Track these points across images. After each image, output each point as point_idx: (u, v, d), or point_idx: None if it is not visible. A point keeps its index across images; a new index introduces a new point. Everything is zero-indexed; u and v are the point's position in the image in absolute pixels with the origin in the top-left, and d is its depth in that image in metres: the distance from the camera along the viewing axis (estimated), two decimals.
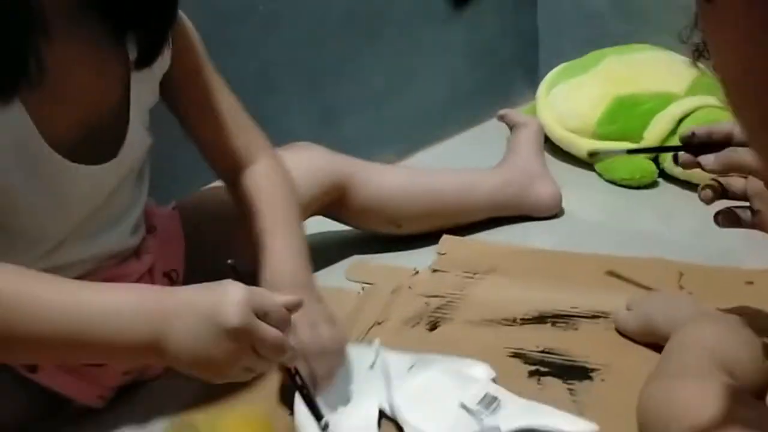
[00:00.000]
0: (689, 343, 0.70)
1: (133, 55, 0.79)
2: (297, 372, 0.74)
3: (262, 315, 0.63)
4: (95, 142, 0.77)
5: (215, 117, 0.89)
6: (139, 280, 0.89)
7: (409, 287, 1.02)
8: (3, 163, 0.70)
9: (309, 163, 1.08)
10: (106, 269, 0.84)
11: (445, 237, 1.14)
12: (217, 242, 0.95)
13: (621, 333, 0.88)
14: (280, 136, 1.32)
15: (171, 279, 0.94)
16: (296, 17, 1.31)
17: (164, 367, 0.90)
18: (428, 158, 1.49)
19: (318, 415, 0.75)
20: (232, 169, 0.91)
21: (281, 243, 0.84)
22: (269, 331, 0.63)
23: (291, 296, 0.68)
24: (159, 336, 0.62)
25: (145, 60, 0.79)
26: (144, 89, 0.82)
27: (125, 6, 0.76)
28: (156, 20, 0.78)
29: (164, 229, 0.96)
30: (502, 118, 1.35)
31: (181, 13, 0.83)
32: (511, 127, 1.32)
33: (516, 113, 1.37)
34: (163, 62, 0.83)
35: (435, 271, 1.06)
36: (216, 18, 1.19)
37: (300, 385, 0.75)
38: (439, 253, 1.11)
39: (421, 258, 1.11)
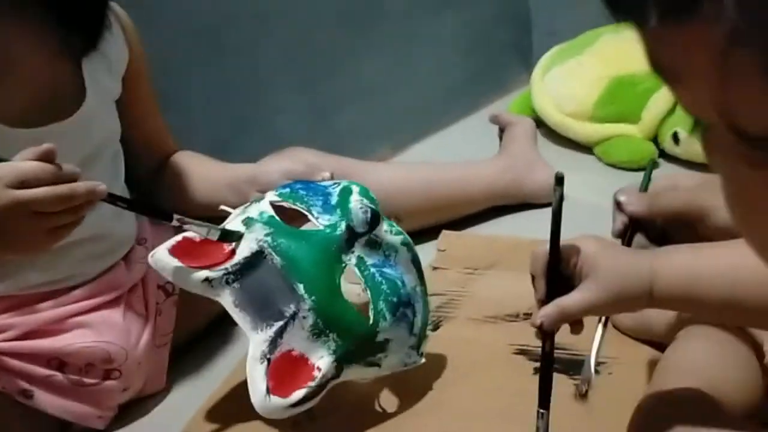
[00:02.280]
0: (679, 369, 0.68)
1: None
2: (110, 194, 0.71)
3: (19, 183, 0.65)
4: (55, 118, 0.81)
5: (153, 117, 0.99)
6: (131, 291, 0.89)
7: None
8: None
9: (303, 165, 1.06)
10: (92, 281, 0.85)
11: (444, 233, 1.12)
12: None
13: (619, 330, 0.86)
14: (274, 135, 1.31)
15: (167, 292, 0.93)
16: (287, 15, 1.29)
17: (164, 385, 0.91)
18: (425, 150, 1.47)
19: (166, 216, 0.75)
20: (162, 156, 1.00)
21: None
22: (36, 192, 0.65)
23: (35, 149, 0.67)
24: None
25: (88, 39, 0.84)
26: (100, 72, 0.87)
27: None
28: (90, 3, 0.84)
29: (155, 240, 0.95)
30: (494, 120, 1.34)
31: (129, 20, 0.93)
32: (504, 127, 1.30)
33: (507, 114, 1.35)
34: (119, 51, 0.90)
35: (435, 268, 1.05)
36: (209, 20, 1.18)
37: (125, 205, 0.76)
38: (439, 250, 1.09)
39: (421, 255, 1.09)
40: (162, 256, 0.75)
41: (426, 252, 1.09)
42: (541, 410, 0.65)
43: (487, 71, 1.63)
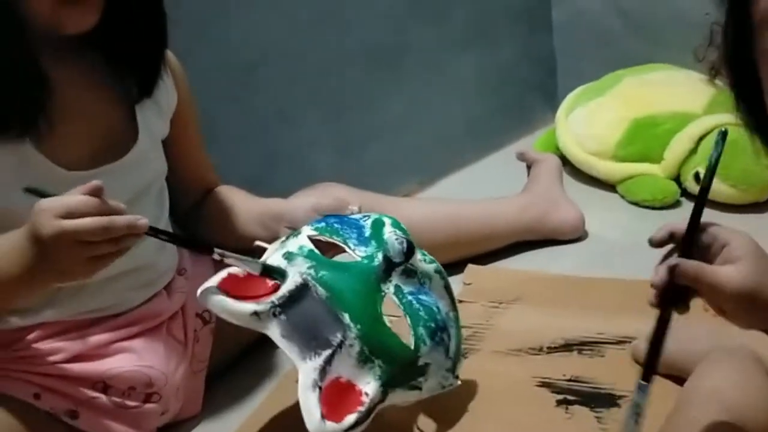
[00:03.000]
0: (701, 396, 0.70)
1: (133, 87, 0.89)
2: (151, 227, 0.73)
3: (67, 214, 0.69)
4: (109, 159, 0.86)
5: (197, 154, 1.04)
6: (171, 319, 0.93)
7: None
8: (9, 192, 0.78)
9: (335, 201, 1.10)
10: (136, 309, 0.89)
11: (470, 267, 1.15)
12: None
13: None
14: (302, 169, 1.36)
15: (204, 320, 0.97)
16: (317, 53, 1.34)
17: (199, 410, 0.95)
18: (451, 185, 1.51)
19: (208, 249, 0.78)
20: (204, 189, 1.04)
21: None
22: (80, 223, 0.69)
23: (86, 185, 0.72)
24: (25, 263, 0.72)
25: (144, 86, 0.89)
26: (151, 116, 0.91)
27: (118, 45, 0.86)
28: (147, 56, 0.89)
29: (195, 270, 0.99)
30: (521, 157, 1.38)
31: (179, 64, 0.97)
32: (530, 165, 1.34)
33: (533, 152, 1.39)
34: (168, 96, 0.94)
35: (461, 301, 1.07)
36: (243, 58, 1.24)
37: (166, 238, 0.78)
38: (465, 284, 1.13)
39: None
40: (210, 292, 0.77)
41: (453, 285, 1.13)
42: (643, 382, 0.61)
43: (513, 109, 1.67)
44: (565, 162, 1.42)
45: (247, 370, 1.01)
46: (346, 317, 0.76)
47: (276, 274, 0.79)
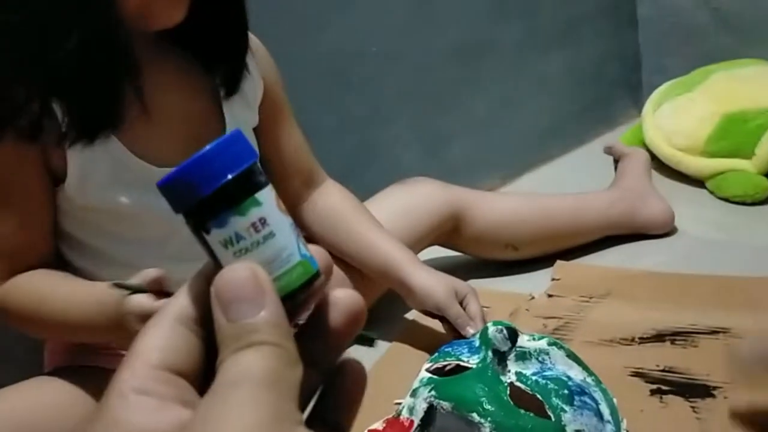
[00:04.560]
0: None
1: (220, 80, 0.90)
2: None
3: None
4: None
5: (290, 141, 1.02)
6: None
7: (527, 310, 1.06)
8: (103, 188, 0.82)
9: (426, 195, 1.14)
10: None
11: (559, 263, 1.16)
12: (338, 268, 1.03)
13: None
14: (391, 166, 1.40)
15: None
16: (406, 53, 1.38)
17: None
18: (534, 181, 1.52)
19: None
20: (304, 187, 1.04)
21: (381, 235, 1.01)
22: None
23: (150, 276, 0.72)
24: (107, 335, 0.79)
25: (230, 83, 0.90)
26: (238, 108, 0.92)
27: (205, 41, 0.87)
28: (233, 50, 0.89)
29: None
30: (608, 151, 1.38)
31: (262, 47, 0.97)
32: (618, 158, 1.35)
33: (621, 145, 1.39)
34: (254, 85, 0.94)
35: (551, 296, 1.09)
36: (333, 59, 1.28)
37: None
38: (554, 279, 1.14)
39: (534, 283, 1.14)
40: None
41: (541, 280, 1.15)
42: None
43: (596, 105, 1.68)
44: (652, 157, 1.41)
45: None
46: (475, 416, 0.78)
47: (364, 339, 0.81)
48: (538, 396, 0.79)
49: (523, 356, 0.83)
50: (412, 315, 1.11)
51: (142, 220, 0.85)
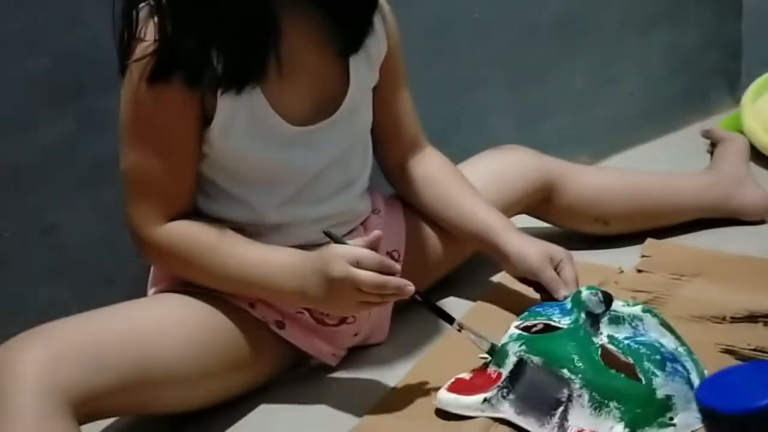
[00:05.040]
0: None
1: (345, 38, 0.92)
2: (416, 292, 0.83)
3: (355, 263, 0.80)
4: (322, 114, 0.92)
5: (402, 104, 1.04)
6: None
7: (615, 282, 1.06)
8: (241, 136, 0.86)
9: (520, 163, 1.15)
10: None
11: (649, 240, 1.16)
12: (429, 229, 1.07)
13: None
14: (481, 134, 1.41)
15: (393, 259, 1.03)
16: (505, 21, 1.38)
17: (387, 335, 1.02)
18: (622, 163, 1.51)
19: (449, 319, 0.86)
20: (407, 150, 1.06)
21: (477, 202, 1.03)
22: (365, 275, 0.80)
23: (369, 238, 0.84)
24: (302, 288, 0.85)
25: (357, 40, 0.92)
26: (362, 67, 0.94)
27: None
28: (363, 7, 0.92)
29: (388, 211, 1.06)
30: (706, 134, 1.36)
31: (390, 12, 0.99)
32: (715, 143, 1.33)
33: (720, 129, 1.37)
34: (379, 45, 0.96)
35: (640, 271, 1.09)
36: (433, 21, 1.29)
37: (422, 301, 0.86)
38: (644, 256, 1.13)
39: (623, 259, 1.14)
40: (443, 395, 0.85)
41: (630, 255, 1.14)
42: None
43: (692, 92, 1.65)
44: (750, 146, 1.39)
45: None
46: (566, 372, 0.79)
47: (499, 356, 0.84)
48: (630, 359, 0.80)
49: (617, 320, 0.84)
50: (497, 279, 1.12)
51: (271, 170, 0.90)
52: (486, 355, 0.87)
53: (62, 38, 0.98)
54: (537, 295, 0.99)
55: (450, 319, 0.87)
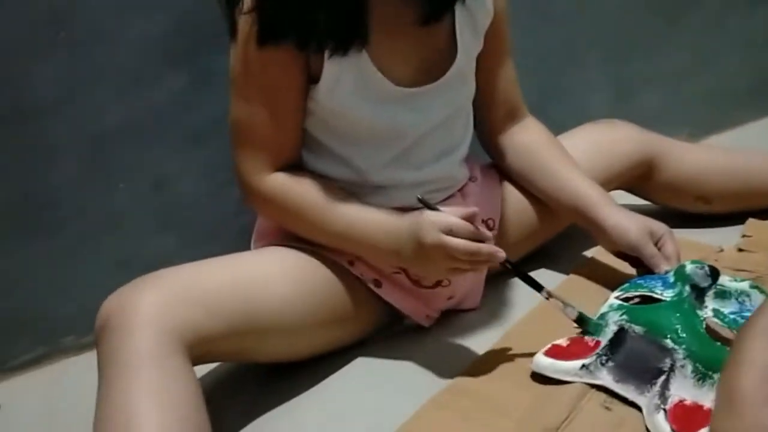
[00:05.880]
0: None
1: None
2: (507, 260, 0.84)
3: (448, 231, 0.81)
4: (428, 78, 0.92)
5: (505, 72, 1.04)
6: None
7: (715, 261, 1.04)
8: (347, 96, 0.88)
9: (622, 137, 1.13)
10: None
11: (750, 220, 1.13)
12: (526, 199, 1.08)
13: None
14: (578, 106, 1.39)
15: (488, 227, 1.04)
16: None
17: (479, 301, 1.03)
18: (721, 142, 1.48)
19: (538, 287, 0.86)
20: (508, 119, 1.06)
21: (576, 174, 1.03)
22: (457, 242, 0.81)
23: (464, 210, 0.84)
24: (398, 248, 0.87)
25: (435, 11, 0.90)
26: (468, 35, 0.95)
27: None
28: None
29: (484, 179, 1.07)
30: None
31: None
32: None
33: None
34: (485, 12, 0.96)
35: (741, 250, 1.07)
36: None
37: (511, 269, 0.86)
38: (744, 236, 1.11)
39: (723, 238, 1.12)
40: (539, 359, 0.85)
41: (730, 236, 1.12)
42: None
43: None
44: None
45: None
46: (669, 342, 0.78)
47: (591, 325, 0.84)
48: (735, 333, 0.79)
49: (723, 295, 0.83)
50: (591, 253, 1.12)
51: (376, 130, 0.91)
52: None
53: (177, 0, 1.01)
54: (632, 270, 0.98)
55: (539, 287, 0.87)
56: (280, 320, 0.86)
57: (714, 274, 0.84)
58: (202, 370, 0.91)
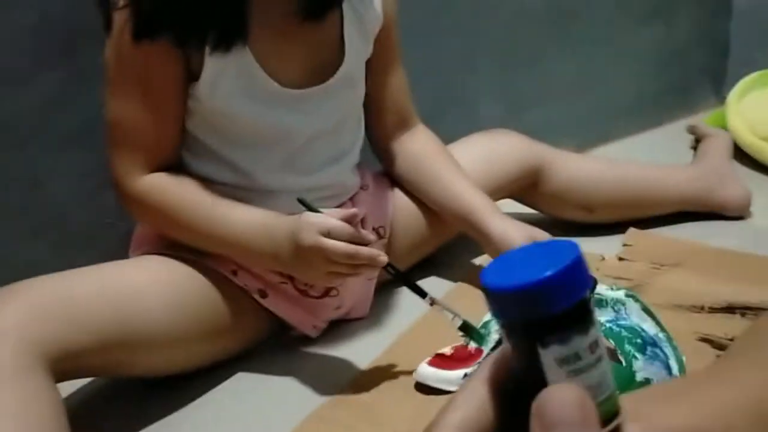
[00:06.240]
0: None
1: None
2: (389, 264, 0.83)
3: (327, 233, 0.79)
4: (316, 79, 0.91)
5: (394, 79, 1.04)
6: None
7: (596, 269, 1.07)
8: (230, 94, 0.86)
9: (510, 147, 1.15)
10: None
11: (631, 230, 1.17)
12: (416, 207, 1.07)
13: None
14: (470, 117, 1.41)
15: (380, 235, 1.04)
16: (500, 6, 1.38)
17: (366, 313, 1.02)
18: (608, 153, 1.52)
19: (422, 293, 0.85)
20: (397, 126, 1.06)
21: (464, 182, 1.03)
22: (335, 245, 0.79)
23: (344, 211, 0.82)
24: (276, 251, 0.84)
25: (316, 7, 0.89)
26: (357, 38, 0.94)
27: None
28: None
29: (376, 187, 1.06)
30: (691, 130, 1.37)
31: None
32: (700, 139, 1.34)
33: (705, 126, 1.38)
34: (374, 18, 0.96)
35: (621, 259, 1.10)
36: (434, 3, 1.29)
37: (395, 274, 0.85)
38: (625, 245, 1.14)
39: (605, 247, 1.14)
40: (423, 369, 0.85)
41: (612, 244, 1.15)
42: None
43: (678, 88, 1.66)
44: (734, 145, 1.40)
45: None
46: None
47: (475, 334, 0.84)
48: (611, 341, 0.80)
49: (600, 304, 0.85)
50: (480, 261, 1.13)
51: (260, 132, 0.89)
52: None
53: None
54: None
55: (423, 294, 0.86)
56: (154, 333, 0.82)
57: (592, 283, 0.86)
58: (73, 385, 0.86)
